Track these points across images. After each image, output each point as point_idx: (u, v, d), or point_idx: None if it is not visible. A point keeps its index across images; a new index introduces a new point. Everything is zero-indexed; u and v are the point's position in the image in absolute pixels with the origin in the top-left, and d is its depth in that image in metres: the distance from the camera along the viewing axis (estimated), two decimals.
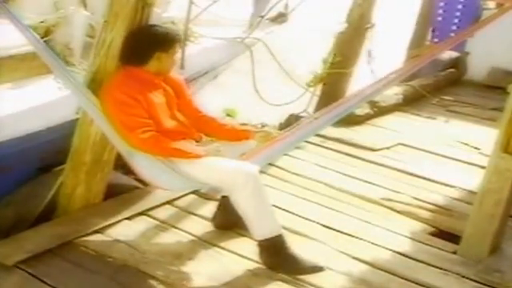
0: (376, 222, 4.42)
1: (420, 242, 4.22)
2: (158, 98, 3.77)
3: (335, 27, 6.66)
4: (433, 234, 4.35)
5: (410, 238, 4.26)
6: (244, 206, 3.63)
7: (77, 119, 4.05)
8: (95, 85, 3.78)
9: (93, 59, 3.87)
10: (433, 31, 8.53)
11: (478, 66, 8.45)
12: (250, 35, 5.93)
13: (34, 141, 4.16)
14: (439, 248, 4.15)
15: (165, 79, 3.85)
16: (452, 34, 8.30)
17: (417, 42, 8.20)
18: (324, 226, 4.30)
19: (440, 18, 8.63)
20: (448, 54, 8.30)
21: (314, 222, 4.34)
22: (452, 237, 4.27)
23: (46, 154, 4.32)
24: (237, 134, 4.03)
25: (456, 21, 8.57)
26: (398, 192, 4.92)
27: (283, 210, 4.35)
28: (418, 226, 4.46)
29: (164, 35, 3.80)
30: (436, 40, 8.39)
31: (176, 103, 3.88)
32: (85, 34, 4.81)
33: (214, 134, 4.02)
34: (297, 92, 6.48)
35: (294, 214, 4.40)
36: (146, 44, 3.77)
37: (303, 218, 4.37)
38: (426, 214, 4.62)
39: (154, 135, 3.62)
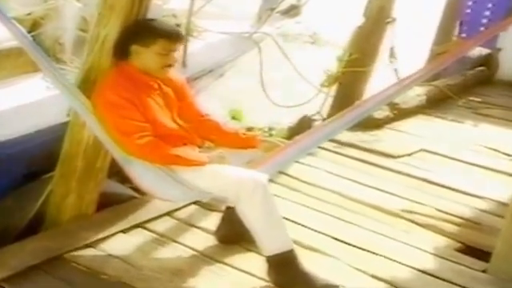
0: (396, 237, 4.42)
1: (445, 258, 4.22)
2: (154, 99, 3.78)
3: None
4: (459, 251, 4.35)
5: (434, 255, 4.25)
6: (251, 217, 3.64)
7: (68, 122, 4.06)
8: (88, 84, 3.79)
9: (85, 56, 3.88)
10: (461, 25, 8.51)
11: (511, 64, 8.43)
12: (258, 30, 5.95)
13: (20, 145, 4.17)
14: (466, 266, 4.15)
15: (163, 79, 3.86)
16: (482, 28, 8.29)
17: (443, 38, 8.19)
18: (339, 240, 4.30)
19: (469, 10, 8.62)
20: (477, 51, 8.28)
21: (327, 235, 4.34)
22: (481, 253, 4.26)
23: (34, 159, 4.33)
24: (242, 142, 4.04)
25: (487, 13, 8.55)
26: (420, 203, 4.92)
27: (294, 222, 4.35)
28: (442, 241, 4.46)
29: (143, 27, 3.78)
30: (464, 35, 8.39)
31: (176, 106, 3.89)
32: (77, 28, 4.82)
33: (218, 140, 4.04)
34: (309, 93, 6.50)
35: (305, 226, 4.41)
36: (124, 35, 3.78)
37: (316, 231, 4.38)
38: (451, 228, 4.62)
39: (151, 141, 3.64)
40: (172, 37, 3.76)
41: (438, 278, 4.00)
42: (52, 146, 4.10)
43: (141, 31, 3.77)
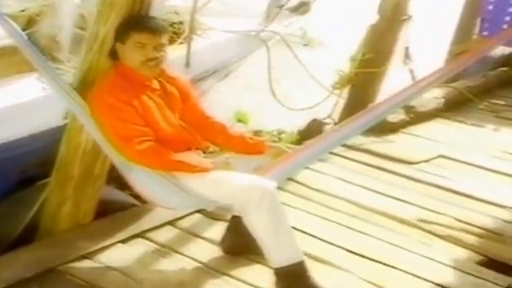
0: (412, 248, 4.41)
1: (465, 272, 4.20)
2: (154, 101, 3.78)
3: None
4: (481, 264, 4.33)
5: (454, 268, 4.24)
6: (259, 227, 3.64)
7: (64, 125, 4.07)
8: (86, 85, 3.80)
9: (84, 56, 3.89)
10: (482, 22, 8.48)
11: None
12: (266, 28, 5.95)
13: (13, 150, 4.18)
14: (489, 280, 4.13)
15: (167, 79, 3.87)
16: (505, 26, 8.25)
17: (462, 36, 8.18)
18: (351, 251, 4.30)
19: (491, 7, 8.58)
20: (500, 50, 8.26)
21: (339, 246, 4.34)
22: (504, 267, 4.25)
23: (28, 164, 4.34)
24: (249, 147, 4.05)
25: (511, 10, 8.50)
26: (438, 213, 4.91)
27: (304, 232, 4.35)
28: (462, 253, 4.44)
29: (121, 23, 3.77)
30: (485, 33, 8.36)
31: (180, 107, 3.90)
32: (74, 26, 4.82)
33: (223, 144, 4.05)
34: (320, 94, 6.50)
35: (316, 237, 4.41)
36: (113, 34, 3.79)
37: (327, 242, 4.38)
38: (472, 240, 4.60)
39: (152, 146, 3.64)
40: (144, 28, 3.72)
41: None
42: (48, 151, 4.11)
43: (118, 28, 3.77)
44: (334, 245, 4.35)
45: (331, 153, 5.47)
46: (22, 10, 4.71)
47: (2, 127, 4.16)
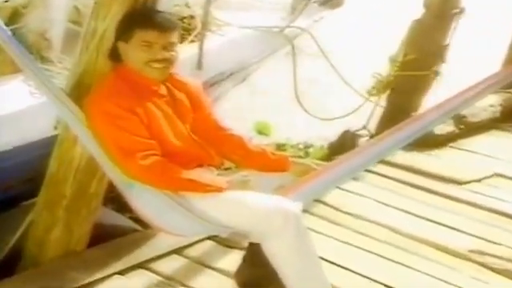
0: (463, 285, 4.41)
1: None
2: (161, 109, 3.81)
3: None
4: None
5: None
6: (280, 256, 3.65)
7: (55, 136, 4.09)
8: (81, 90, 3.81)
9: (79, 55, 3.92)
10: None
11: None
12: (291, 24, 5.98)
13: None
14: None
15: (175, 84, 3.89)
16: None
17: None
18: (388, 286, 4.31)
19: None
20: None
21: (375, 281, 4.35)
22: None
23: (12, 182, 4.38)
24: (269, 164, 4.05)
25: None
26: (493, 242, 4.91)
27: (334, 263, 4.38)
28: None
29: (124, 19, 3.79)
30: None
31: (190, 117, 3.92)
32: (67, 20, 4.86)
33: (241, 160, 4.06)
34: (354, 101, 6.51)
35: (348, 269, 4.42)
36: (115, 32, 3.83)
37: (360, 275, 4.39)
38: None
39: (158, 161, 3.65)
40: (151, 24, 3.72)
41: None
42: (35, 166, 4.14)
43: (120, 24, 3.79)
44: (368, 278, 4.37)
45: (367, 170, 5.47)
46: (6, 1, 4.74)
47: None
